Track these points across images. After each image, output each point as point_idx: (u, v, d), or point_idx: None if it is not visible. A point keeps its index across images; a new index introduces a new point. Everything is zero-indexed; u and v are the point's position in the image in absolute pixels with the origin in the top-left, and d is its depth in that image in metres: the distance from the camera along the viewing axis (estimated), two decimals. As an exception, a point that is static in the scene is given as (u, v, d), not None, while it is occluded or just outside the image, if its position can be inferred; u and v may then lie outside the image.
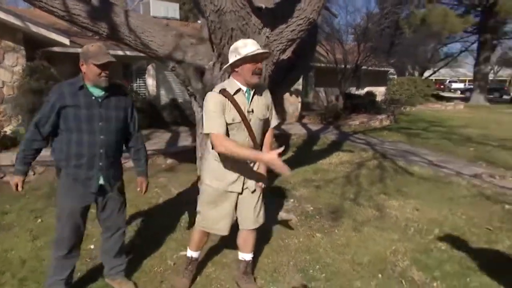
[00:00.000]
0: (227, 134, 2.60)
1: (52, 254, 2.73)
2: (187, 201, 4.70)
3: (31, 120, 2.58)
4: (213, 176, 2.78)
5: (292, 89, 12.48)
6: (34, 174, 6.52)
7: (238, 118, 2.59)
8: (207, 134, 2.60)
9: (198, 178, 4.59)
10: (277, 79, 4.07)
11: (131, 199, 5.02)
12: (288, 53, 4.25)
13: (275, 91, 3.95)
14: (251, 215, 2.85)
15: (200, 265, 3.24)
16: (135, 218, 4.44)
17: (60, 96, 2.50)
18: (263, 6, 3.74)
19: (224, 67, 2.77)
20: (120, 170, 2.87)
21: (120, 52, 11.00)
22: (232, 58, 2.57)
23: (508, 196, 5.50)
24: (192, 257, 3.05)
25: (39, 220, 4.35)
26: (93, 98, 2.56)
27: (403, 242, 3.88)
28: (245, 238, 2.97)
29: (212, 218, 2.84)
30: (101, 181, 2.66)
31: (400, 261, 3.51)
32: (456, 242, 3.93)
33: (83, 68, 2.53)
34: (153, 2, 17.06)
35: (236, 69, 2.59)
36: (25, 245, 3.72)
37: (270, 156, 2.41)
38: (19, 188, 2.66)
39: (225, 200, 2.79)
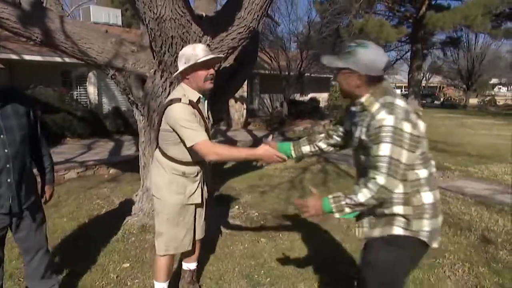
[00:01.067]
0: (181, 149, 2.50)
1: None
2: (129, 212, 4.58)
3: None
4: (172, 190, 2.56)
5: (237, 95, 12.57)
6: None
7: (205, 129, 2.49)
8: (157, 145, 2.53)
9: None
10: (219, 86, 4.07)
11: (71, 212, 4.89)
12: (230, 61, 4.29)
13: (218, 98, 3.97)
14: (201, 225, 2.77)
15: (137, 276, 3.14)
16: (75, 231, 4.25)
17: None
18: (204, 14, 3.76)
19: (174, 74, 2.65)
20: (34, 184, 2.55)
21: (58, 59, 10.56)
22: (181, 65, 2.43)
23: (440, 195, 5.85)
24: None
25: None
26: None
27: (345, 243, 4.00)
28: (189, 251, 2.84)
29: (176, 236, 2.62)
30: (11, 200, 2.33)
31: (342, 262, 3.60)
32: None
33: None
34: (93, 8, 16.56)
35: (187, 77, 2.45)
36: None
37: (264, 148, 2.31)
38: None
39: (186, 214, 2.61)
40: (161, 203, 2.60)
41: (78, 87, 12.39)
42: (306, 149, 2.40)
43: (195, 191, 2.60)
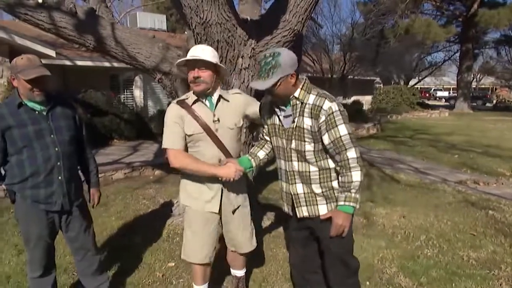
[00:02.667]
0: (188, 148, 2.46)
1: (28, 276, 2.62)
2: (175, 212, 4.70)
3: None
4: (188, 194, 2.56)
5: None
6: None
7: (199, 130, 2.40)
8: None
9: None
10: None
11: (118, 211, 5.07)
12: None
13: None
14: (243, 236, 2.66)
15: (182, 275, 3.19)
16: (122, 230, 4.41)
17: (0, 118, 2.32)
18: (248, 18, 3.80)
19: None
20: (81, 185, 2.66)
21: (107, 64, 11.03)
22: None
23: (492, 202, 5.58)
24: None
25: (25, 234, 4.28)
26: (37, 112, 2.39)
27: (390, 249, 3.91)
28: (233, 257, 2.83)
29: (192, 246, 2.58)
30: (63, 197, 2.46)
31: (387, 268, 3.53)
32: (442, 248, 3.98)
33: (15, 83, 2.34)
34: (140, 14, 17.14)
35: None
36: (10, 260, 3.67)
37: (226, 171, 2.33)
38: None
39: (206, 224, 2.54)
40: (183, 207, 2.63)
41: (125, 90, 12.87)
42: (261, 154, 2.52)
43: (212, 199, 2.52)
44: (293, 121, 2.20)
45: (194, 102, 2.44)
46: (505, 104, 33.88)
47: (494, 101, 39.40)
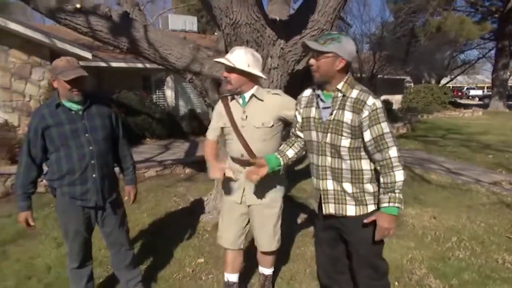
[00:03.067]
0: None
1: (67, 266, 2.73)
2: (204, 210, 4.76)
3: (20, 153, 2.49)
4: (223, 184, 2.79)
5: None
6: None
7: (228, 124, 2.57)
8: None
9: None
10: (294, 88, 4.09)
11: (150, 208, 5.18)
12: (303, 63, 4.28)
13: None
14: (259, 237, 2.75)
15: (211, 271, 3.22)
16: (153, 226, 4.51)
17: (41, 118, 2.42)
18: (277, 18, 3.80)
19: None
20: (116, 182, 2.75)
21: (139, 65, 11.27)
22: None
23: (529, 204, 5.39)
24: (228, 280, 2.85)
25: (63, 228, 4.45)
26: (73, 112, 2.47)
27: (420, 250, 3.83)
28: (260, 255, 2.88)
29: (220, 228, 2.81)
30: (97, 194, 2.55)
31: (417, 269, 3.47)
32: (474, 250, 3.87)
33: (55, 84, 2.44)
34: (171, 16, 17.39)
35: None
36: (50, 252, 3.82)
37: (211, 171, 2.59)
38: (31, 223, 2.55)
39: (231, 211, 2.72)
40: (213, 205, 2.87)
41: (157, 90, 13.11)
42: (290, 153, 2.46)
43: (236, 190, 2.67)
44: (331, 114, 2.14)
45: (232, 99, 2.61)
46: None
47: (531, 100, 37.81)
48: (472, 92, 43.91)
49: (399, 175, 2.06)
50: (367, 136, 2.07)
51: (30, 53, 8.39)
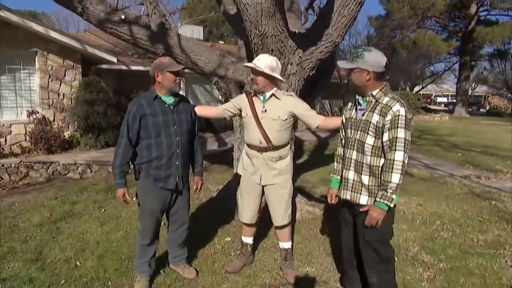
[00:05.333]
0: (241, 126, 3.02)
1: (137, 242, 2.73)
2: (223, 196, 4.79)
3: (120, 135, 2.50)
4: (241, 165, 2.91)
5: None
6: (91, 172, 6.67)
7: (250, 114, 2.73)
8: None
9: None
10: (305, 92, 4.16)
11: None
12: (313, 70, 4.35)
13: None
14: (274, 213, 2.87)
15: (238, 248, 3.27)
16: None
17: (139, 107, 2.47)
18: (296, 31, 3.86)
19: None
20: (189, 170, 2.81)
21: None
22: None
23: (494, 194, 5.55)
24: (243, 242, 3.09)
25: (102, 210, 4.47)
26: (167, 105, 2.55)
27: (411, 232, 3.94)
28: (277, 231, 2.99)
29: (240, 208, 2.99)
30: (177, 179, 2.61)
31: (411, 247, 3.57)
32: (455, 231, 4.00)
33: (159, 78, 2.49)
34: (181, 26, 17.27)
35: None
36: (96, 229, 3.84)
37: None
38: (128, 198, 2.56)
39: (250, 191, 2.86)
40: (239, 175, 3.00)
41: (170, 91, 13.05)
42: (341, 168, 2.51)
43: (256, 172, 2.79)
44: (363, 114, 2.24)
45: (255, 95, 2.78)
46: (497, 110, 33.00)
47: (488, 107, 38.38)
48: (439, 99, 44.39)
49: (395, 177, 2.09)
50: (385, 136, 2.13)
51: (65, 57, 8.36)
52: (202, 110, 3.04)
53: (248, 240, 3.09)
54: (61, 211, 4.36)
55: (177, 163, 2.59)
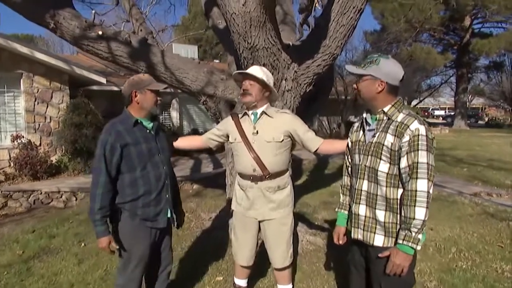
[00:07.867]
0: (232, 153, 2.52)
1: None
2: (217, 225, 4.38)
3: (95, 172, 2.03)
4: (235, 199, 2.50)
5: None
6: (76, 200, 6.26)
7: (238, 138, 2.35)
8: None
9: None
10: (302, 110, 3.82)
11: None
12: (310, 87, 4.02)
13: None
14: (273, 254, 2.45)
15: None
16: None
17: (118, 135, 2.04)
18: (290, 43, 3.54)
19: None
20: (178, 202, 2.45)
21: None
22: None
23: (509, 213, 5.13)
24: (236, 285, 2.66)
25: (83, 244, 4.08)
26: (148, 131, 2.16)
27: (426, 262, 3.53)
28: (276, 273, 2.57)
29: (234, 247, 2.54)
30: (169, 214, 2.24)
31: (427, 281, 3.16)
32: (474, 260, 3.59)
33: (137, 98, 2.10)
34: (175, 45, 17.20)
35: None
36: (72, 269, 3.45)
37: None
38: (115, 246, 2.08)
39: (245, 227, 2.44)
40: (232, 211, 2.58)
41: (163, 112, 12.77)
42: (348, 200, 2.11)
43: (251, 206, 2.38)
44: (373, 136, 1.83)
45: (243, 116, 2.43)
46: (496, 121, 32.89)
47: (486, 119, 38.31)
48: (437, 112, 44.45)
49: (419, 213, 1.65)
50: (403, 162, 1.71)
51: (52, 78, 8.10)
52: (183, 142, 2.70)
53: (241, 282, 2.63)
54: (35, 247, 3.96)
55: (167, 196, 2.20)
